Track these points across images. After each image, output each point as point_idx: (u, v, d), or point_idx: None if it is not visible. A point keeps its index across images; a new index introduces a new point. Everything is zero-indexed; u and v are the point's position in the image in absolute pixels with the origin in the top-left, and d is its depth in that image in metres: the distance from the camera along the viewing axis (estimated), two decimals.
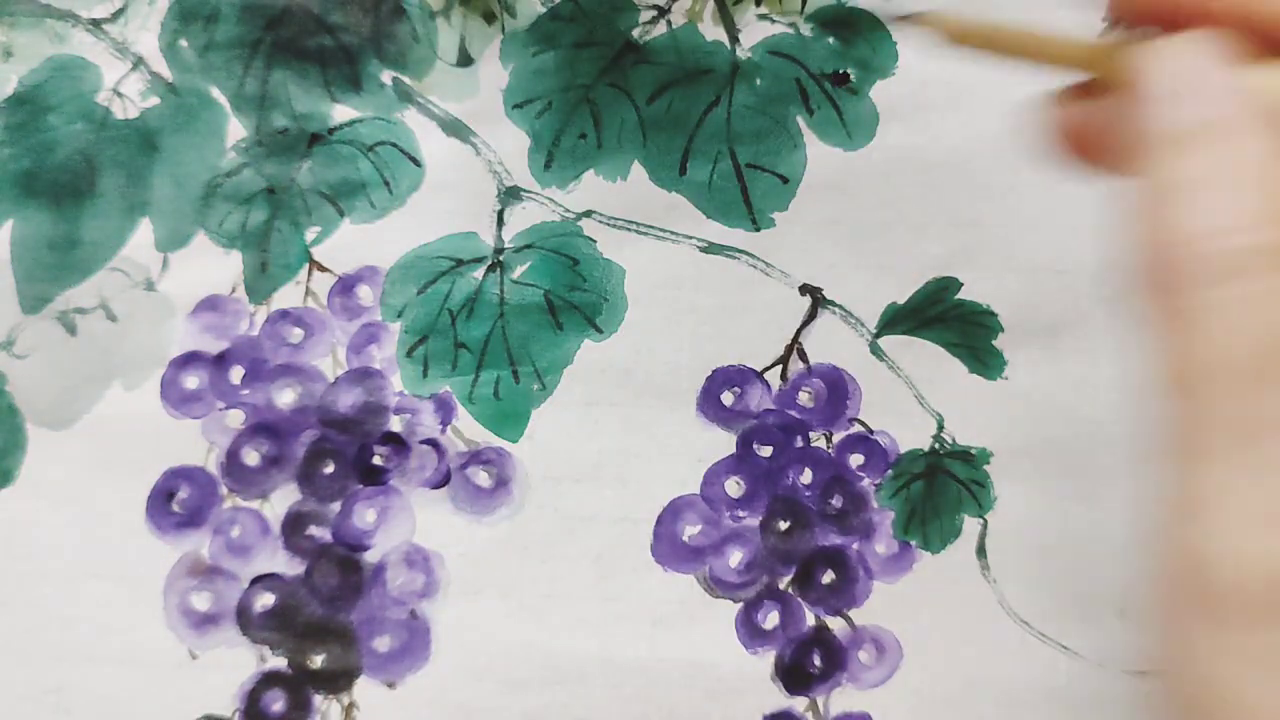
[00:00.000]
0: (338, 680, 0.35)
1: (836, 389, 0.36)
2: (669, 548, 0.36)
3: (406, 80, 0.36)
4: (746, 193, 0.36)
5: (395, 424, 0.36)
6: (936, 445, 0.36)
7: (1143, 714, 0.35)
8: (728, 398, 0.36)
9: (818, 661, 0.36)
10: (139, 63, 0.37)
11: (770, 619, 0.36)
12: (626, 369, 0.36)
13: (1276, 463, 0.19)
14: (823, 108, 0.36)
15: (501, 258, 0.36)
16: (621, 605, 0.36)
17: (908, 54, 0.36)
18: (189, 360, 0.37)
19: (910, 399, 0.36)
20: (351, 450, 0.36)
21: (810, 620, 0.36)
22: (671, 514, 0.36)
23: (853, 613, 0.36)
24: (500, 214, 0.36)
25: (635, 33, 0.36)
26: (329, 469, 0.36)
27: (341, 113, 0.37)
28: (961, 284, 0.36)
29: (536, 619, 0.36)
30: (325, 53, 0.36)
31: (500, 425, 0.36)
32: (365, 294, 0.37)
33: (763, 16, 0.36)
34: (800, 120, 0.36)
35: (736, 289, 0.36)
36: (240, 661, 0.35)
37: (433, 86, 0.36)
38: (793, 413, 0.36)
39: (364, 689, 0.35)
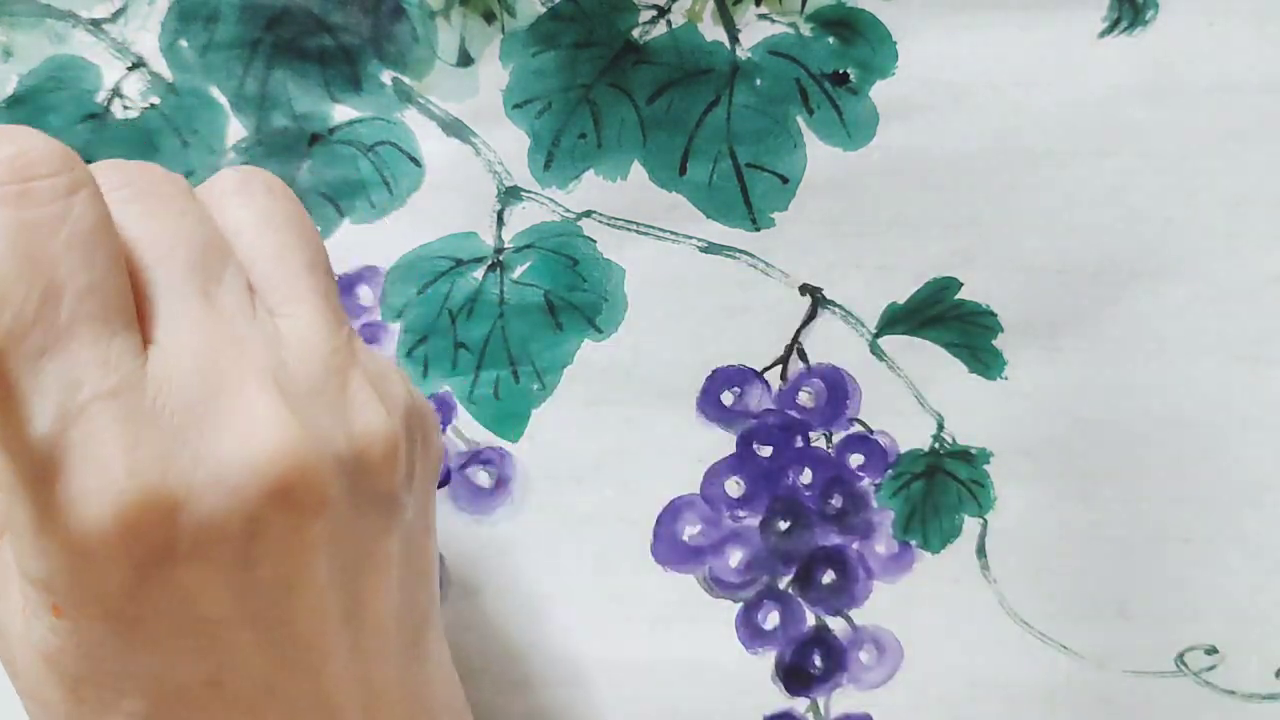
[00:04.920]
0: None
1: (836, 389, 0.36)
2: (669, 548, 0.36)
3: (406, 80, 0.36)
4: (746, 193, 0.36)
5: None
6: (936, 445, 0.36)
7: (1143, 714, 0.35)
8: (728, 398, 0.36)
9: (818, 661, 0.36)
10: (139, 63, 0.37)
11: (770, 619, 0.36)
12: (626, 369, 0.36)
13: None
14: (823, 108, 0.36)
15: (501, 258, 0.36)
16: (621, 605, 0.36)
17: (908, 54, 0.36)
18: None
19: (910, 399, 0.36)
20: None
21: (810, 620, 0.36)
22: (671, 514, 0.36)
23: (853, 613, 0.36)
24: (500, 214, 0.36)
25: (635, 33, 0.36)
26: None
27: (341, 113, 0.37)
28: (961, 284, 0.36)
29: (536, 619, 0.36)
30: (325, 53, 0.36)
31: (500, 425, 0.36)
32: (365, 294, 0.37)
33: (763, 16, 0.36)
34: (800, 120, 0.36)
35: (736, 289, 0.36)
36: None
37: (433, 86, 0.36)
38: (793, 413, 0.36)
39: None
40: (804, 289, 0.36)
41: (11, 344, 0.21)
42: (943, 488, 0.36)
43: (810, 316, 0.36)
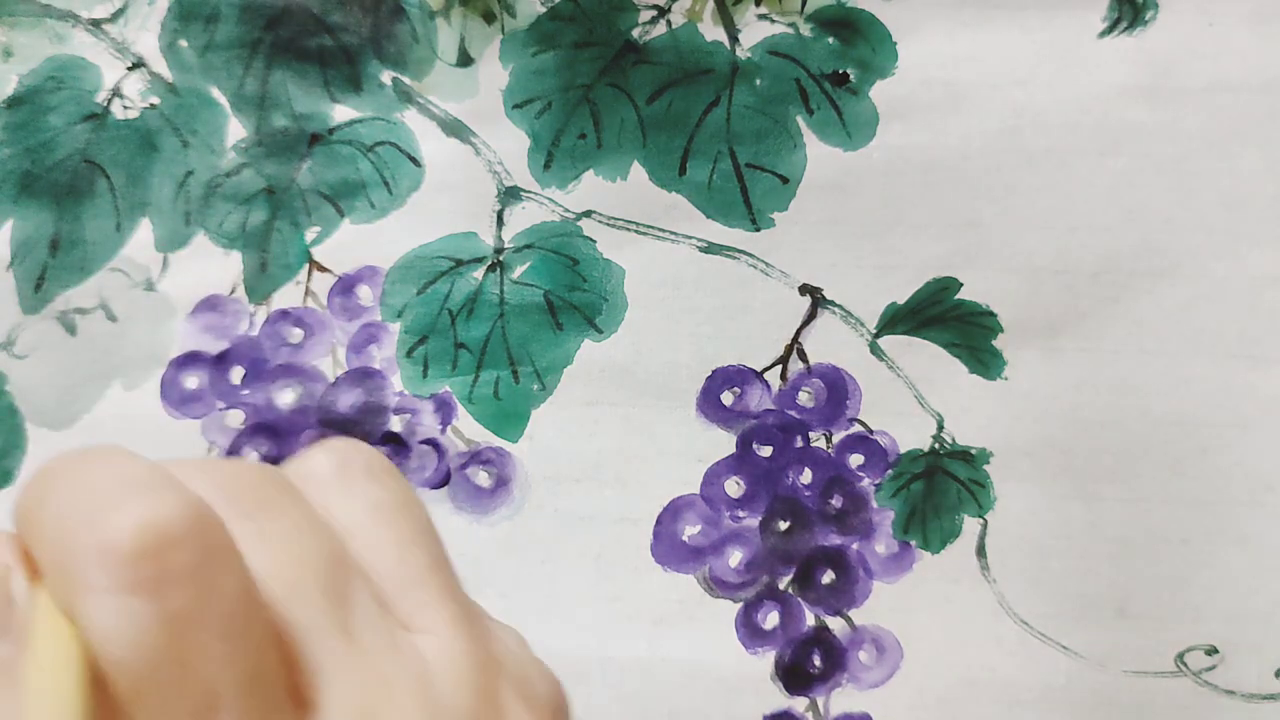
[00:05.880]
0: None
1: (836, 389, 0.36)
2: (669, 548, 0.36)
3: (406, 80, 0.36)
4: (746, 193, 0.36)
5: (395, 424, 0.36)
6: (936, 445, 0.36)
7: (1143, 714, 0.35)
8: (728, 398, 0.36)
9: (818, 661, 0.36)
10: (139, 63, 0.37)
11: (770, 619, 0.36)
12: (626, 369, 0.36)
13: None
14: (823, 108, 0.36)
15: (501, 258, 0.36)
16: (621, 605, 0.36)
17: (908, 54, 0.36)
18: (189, 360, 0.37)
19: (910, 399, 0.36)
20: None
21: (810, 620, 0.36)
22: (671, 514, 0.36)
23: (853, 613, 0.36)
24: (500, 214, 0.36)
25: (635, 33, 0.36)
26: None
27: (341, 113, 0.37)
28: (961, 284, 0.36)
29: (536, 619, 0.36)
30: (325, 53, 0.36)
31: (500, 425, 0.36)
32: (365, 294, 0.37)
33: (763, 16, 0.36)
34: (800, 120, 0.36)
35: (736, 289, 0.36)
36: None
37: (433, 86, 0.36)
38: (793, 413, 0.36)
39: None
40: (804, 289, 0.36)
41: None
42: (943, 488, 0.36)
43: (810, 316, 0.36)
